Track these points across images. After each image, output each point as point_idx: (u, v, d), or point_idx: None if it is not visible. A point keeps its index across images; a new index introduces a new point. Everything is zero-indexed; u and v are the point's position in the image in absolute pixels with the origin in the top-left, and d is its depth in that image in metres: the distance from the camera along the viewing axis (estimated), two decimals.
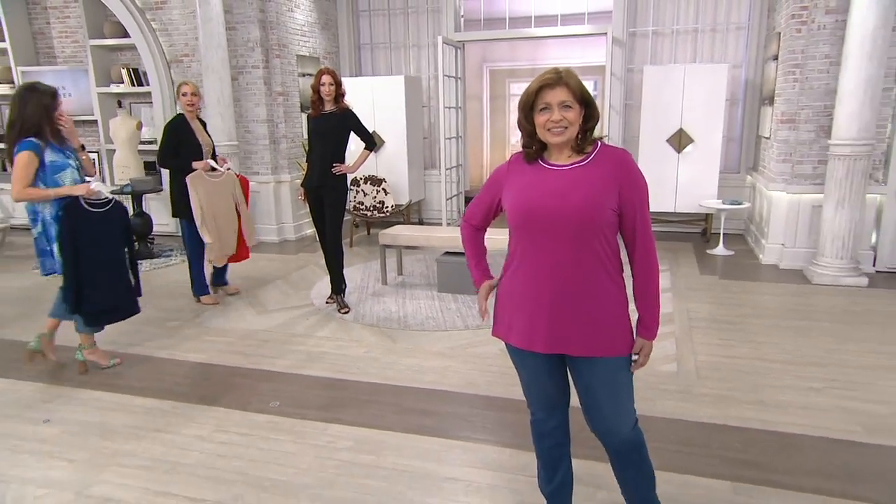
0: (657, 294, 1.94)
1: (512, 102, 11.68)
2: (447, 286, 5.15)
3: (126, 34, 7.18)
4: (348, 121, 4.58)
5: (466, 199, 8.53)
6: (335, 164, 4.56)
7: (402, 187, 7.58)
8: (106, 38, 7.40)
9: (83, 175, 3.58)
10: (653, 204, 2.07)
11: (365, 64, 8.40)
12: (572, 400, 2.08)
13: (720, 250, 6.37)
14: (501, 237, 2.68)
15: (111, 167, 7.50)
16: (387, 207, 7.24)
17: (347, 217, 5.91)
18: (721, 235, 6.44)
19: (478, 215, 2.09)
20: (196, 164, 4.63)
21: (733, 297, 4.96)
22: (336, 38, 8.20)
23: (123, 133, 6.64)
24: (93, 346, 3.77)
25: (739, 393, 3.31)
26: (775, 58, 6.04)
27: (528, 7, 8.03)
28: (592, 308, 1.84)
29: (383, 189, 7.26)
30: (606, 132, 7.29)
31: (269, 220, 7.16)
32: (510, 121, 11.80)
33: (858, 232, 5.23)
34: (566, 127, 1.79)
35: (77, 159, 3.54)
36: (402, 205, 7.49)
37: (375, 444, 2.89)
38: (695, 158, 6.71)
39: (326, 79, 4.42)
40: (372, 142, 4.72)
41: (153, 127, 7.48)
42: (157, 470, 2.73)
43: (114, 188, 6.40)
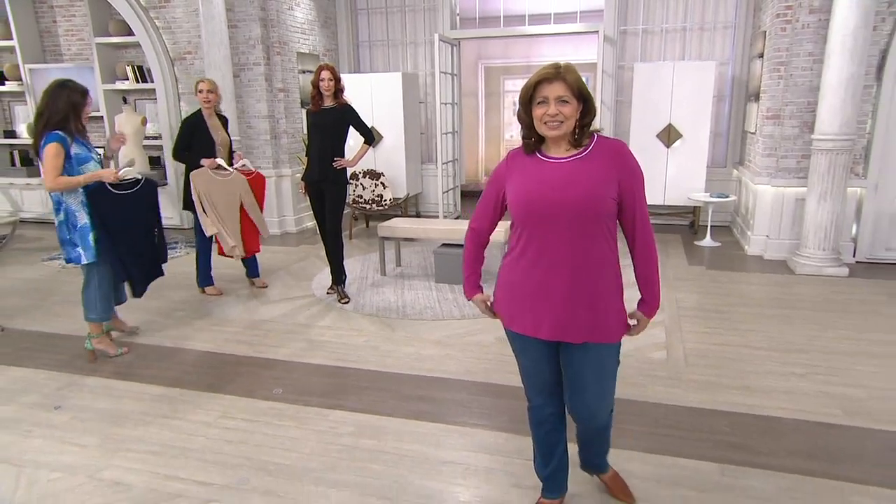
0: (657, 275, 2.01)
1: (506, 99, 11.75)
2: (444, 277, 5.21)
3: (131, 32, 7.25)
4: (347, 115, 4.59)
5: (462, 193, 8.64)
6: (336, 159, 4.57)
7: (400, 181, 7.64)
8: (111, 36, 7.45)
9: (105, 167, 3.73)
10: None
11: (363, 61, 8.46)
12: None
13: (707, 242, 6.48)
14: (500, 229, 2.72)
15: (116, 161, 7.55)
16: (385, 200, 7.29)
17: (347, 210, 5.97)
18: (708, 227, 6.56)
19: (485, 215, 2.08)
20: (204, 162, 4.67)
21: (720, 287, 5.06)
22: (335, 36, 8.25)
23: (129, 128, 6.69)
24: (101, 336, 3.86)
25: (726, 379, 3.39)
26: (761, 55, 6.14)
27: (522, 6, 8.11)
28: (594, 296, 1.89)
29: (382, 183, 7.32)
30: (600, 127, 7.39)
31: (271, 213, 7.22)
32: (505, 116, 11.87)
33: (839, 224, 5.33)
34: (562, 121, 1.81)
35: (98, 154, 3.67)
36: (400, 198, 7.55)
37: (376, 430, 2.95)
38: (683, 153, 6.81)
39: (326, 74, 4.43)
40: (371, 136, 4.73)
41: (157, 122, 7.56)
42: (166, 455, 2.79)
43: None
